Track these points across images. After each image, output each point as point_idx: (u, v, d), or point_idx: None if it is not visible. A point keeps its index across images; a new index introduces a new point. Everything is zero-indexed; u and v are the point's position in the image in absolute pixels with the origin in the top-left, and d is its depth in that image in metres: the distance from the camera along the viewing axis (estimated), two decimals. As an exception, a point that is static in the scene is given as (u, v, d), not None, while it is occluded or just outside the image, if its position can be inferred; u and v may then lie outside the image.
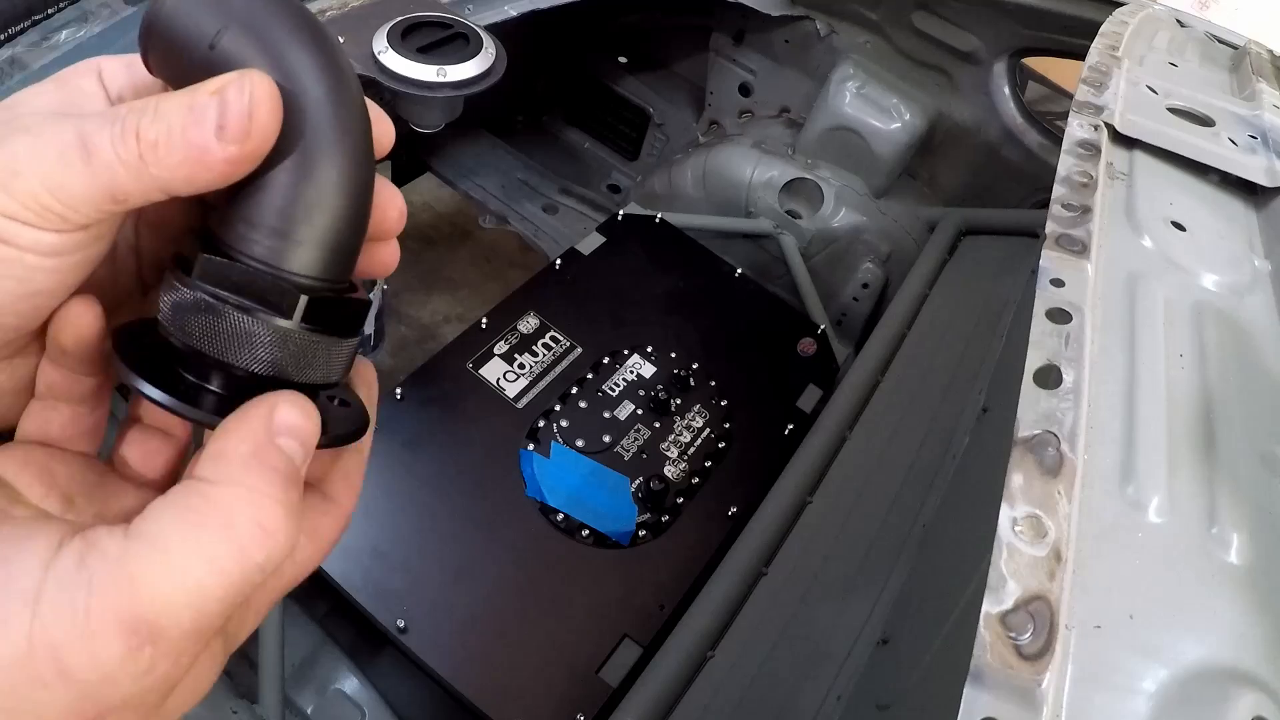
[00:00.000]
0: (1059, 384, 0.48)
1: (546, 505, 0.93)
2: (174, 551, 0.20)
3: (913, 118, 1.37)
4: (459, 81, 0.86)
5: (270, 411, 0.23)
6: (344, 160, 0.24)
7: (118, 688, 0.20)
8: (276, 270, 0.24)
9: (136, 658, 0.20)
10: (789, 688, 0.78)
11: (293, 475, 0.22)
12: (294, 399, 0.24)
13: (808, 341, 1.20)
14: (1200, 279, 0.61)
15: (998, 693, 0.35)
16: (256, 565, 0.21)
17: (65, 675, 0.19)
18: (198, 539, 0.20)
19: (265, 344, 0.24)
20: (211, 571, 0.20)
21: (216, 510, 0.21)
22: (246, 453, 0.22)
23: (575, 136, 1.90)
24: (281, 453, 0.22)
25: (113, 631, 0.19)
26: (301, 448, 0.23)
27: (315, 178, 0.24)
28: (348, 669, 0.87)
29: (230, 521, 0.21)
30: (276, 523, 0.21)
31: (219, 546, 0.21)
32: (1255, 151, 0.74)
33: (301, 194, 0.24)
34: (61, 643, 0.19)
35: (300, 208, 0.24)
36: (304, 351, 0.24)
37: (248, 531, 0.21)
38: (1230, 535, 0.43)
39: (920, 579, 0.81)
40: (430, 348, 1.73)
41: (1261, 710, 0.36)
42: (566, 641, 0.84)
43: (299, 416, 0.23)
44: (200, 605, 0.20)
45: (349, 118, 0.25)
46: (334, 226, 0.24)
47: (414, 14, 0.89)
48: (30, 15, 0.78)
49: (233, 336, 0.24)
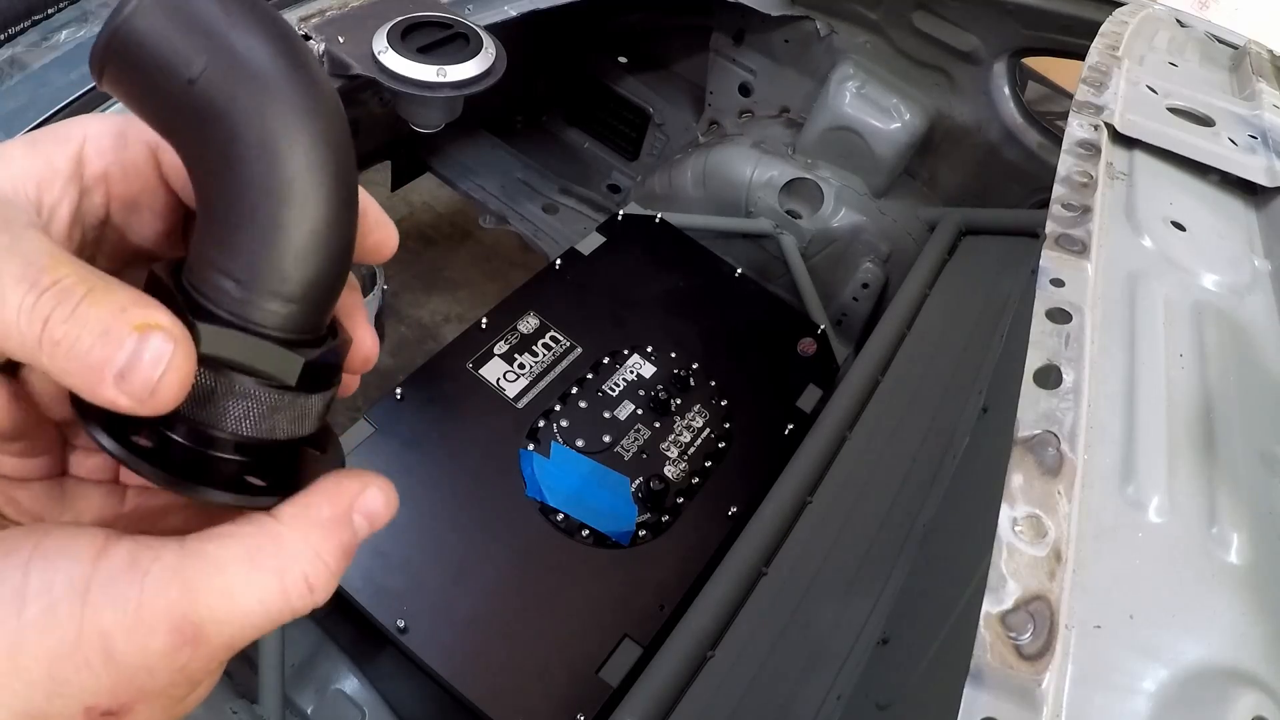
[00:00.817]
0: (1059, 384, 0.48)
1: (546, 505, 0.93)
2: (231, 577, 0.22)
3: (913, 118, 1.37)
4: (459, 81, 0.86)
5: (362, 489, 0.25)
6: (330, 219, 0.23)
7: (155, 678, 0.21)
8: (265, 331, 0.23)
9: (177, 655, 0.21)
10: (789, 688, 0.78)
11: (351, 549, 0.24)
12: (384, 486, 0.25)
13: (808, 341, 1.20)
14: (1200, 279, 0.61)
15: (998, 692, 0.35)
16: (291, 610, 0.23)
17: (111, 660, 0.21)
18: (256, 575, 0.22)
19: (266, 413, 0.24)
20: (258, 603, 0.22)
21: (279, 556, 0.23)
22: (326, 518, 0.24)
23: (575, 136, 1.90)
24: (352, 529, 0.24)
25: (162, 627, 0.21)
26: (369, 528, 0.25)
27: (303, 241, 0.23)
28: (348, 669, 0.87)
29: (288, 570, 0.23)
30: (320, 584, 0.23)
31: (271, 588, 0.22)
32: (1255, 151, 0.74)
33: (290, 255, 0.23)
34: (111, 630, 0.21)
35: (291, 268, 0.23)
36: (299, 414, 0.24)
37: (295, 583, 0.23)
38: (1230, 535, 0.43)
39: (920, 579, 0.81)
40: (430, 348, 1.73)
41: (1261, 710, 0.36)
42: (566, 641, 0.84)
43: (382, 505, 0.25)
44: (241, 626, 0.22)
45: (338, 170, 0.23)
46: (320, 284, 0.24)
47: (414, 14, 0.89)
48: (30, 15, 0.78)
49: (232, 406, 0.23)
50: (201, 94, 0.22)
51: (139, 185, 0.26)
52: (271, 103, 0.22)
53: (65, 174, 0.24)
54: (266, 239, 0.23)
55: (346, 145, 0.24)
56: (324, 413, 0.26)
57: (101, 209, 0.25)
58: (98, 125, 0.25)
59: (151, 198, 0.26)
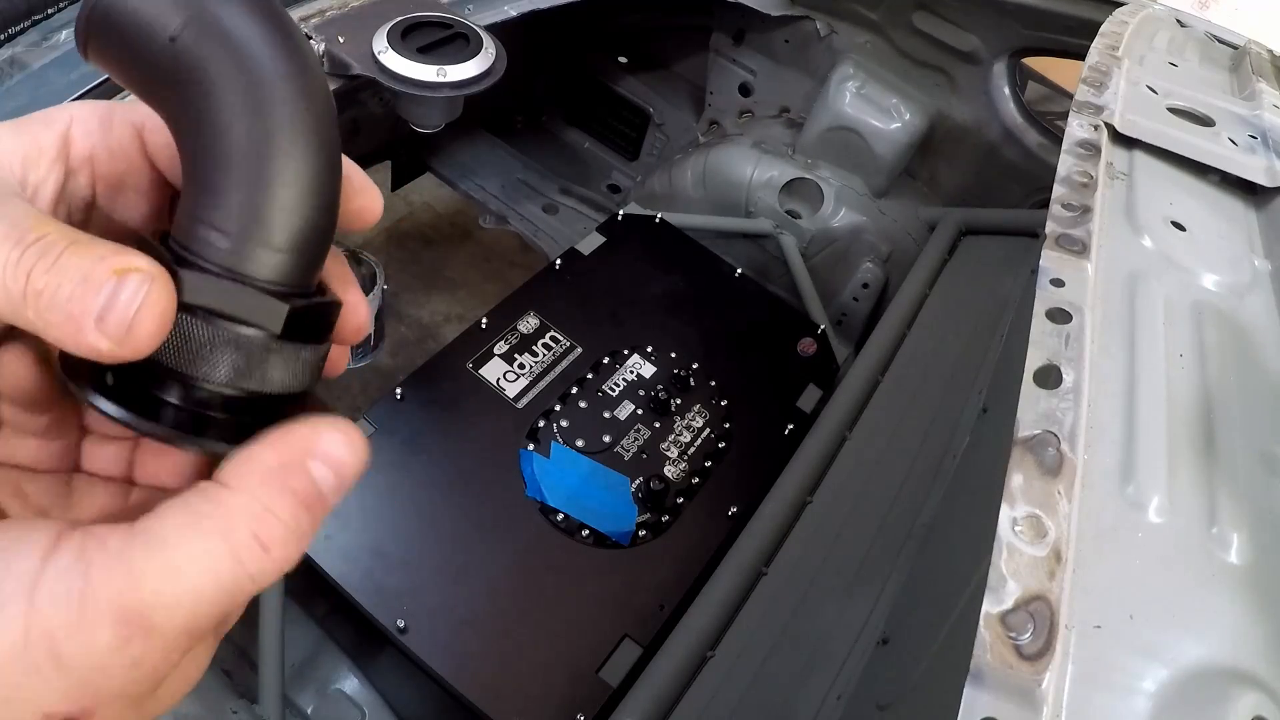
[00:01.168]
0: (1059, 384, 0.48)
1: (546, 505, 0.93)
2: (173, 550, 0.20)
3: (913, 118, 1.37)
4: (459, 81, 0.86)
5: (314, 434, 0.23)
6: (313, 168, 0.23)
7: (110, 678, 0.20)
8: (251, 280, 0.23)
9: (127, 649, 0.20)
10: (789, 688, 0.78)
11: (311, 501, 0.22)
12: (344, 428, 0.23)
13: (808, 341, 1.20)
14: (1200, 279, 0.61)
15: (998, 692, 0.35)
16: (249, 576, 0.21)
17: (59, 662, 0.19)
18: (198, 541, 0.21)
19: (252, 361, 0.23)
20: (207, 574, 0.20)
21: (221, 516, 0.21)
22: (271, 466, 0.22)
23: (575, 136, 1.90)
24: (308, 476, 0.22)
25: (105, 620, 0.20)
26: (336, 478, 0.23)
27: (287, 189, 0.23)
28: (348, 669, 0.87)
29: (231, 529, 0.21)
30: (274, 541, 0.21)
31: (219, 554, 0.21)
32: (1255, 151, 0.74)
33: (274, 203, 0.23)
34: (56, 629, 0.19)
35: (275, 217, 0.23)
36: (287, 365, 0.24)
37: (244, 542, 0.21)
38: (1230, 535, 0.43)
39: (920, 579, 0.81)
40: (430, 348, 1.73)
41: (1261, 710, 0.36)
42: (566, 641, 0.84)
43: (343, 448, 0.23)
44: (193, 605, 0.20)
45: (319, 123, 0.23)
46: (306, 233, 0.23)
47: (414, 14, 0.89)
48: (30, 15, 0.78)
49: (218, 355, 0.23)
50: (183, 50, 0.22)
51: (125, 166, 0.26)
52: (251, 54, 0.22)
53: (51, 154, 0.24)
54: (251, 188, 0.23)
55: (326, 95, 0.24)
56: (314, 370, 0.25)
57: (88, 190, 0.25)
58: (84, 109, 0.25)
59: (137, 178, 0.26)
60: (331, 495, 0.23)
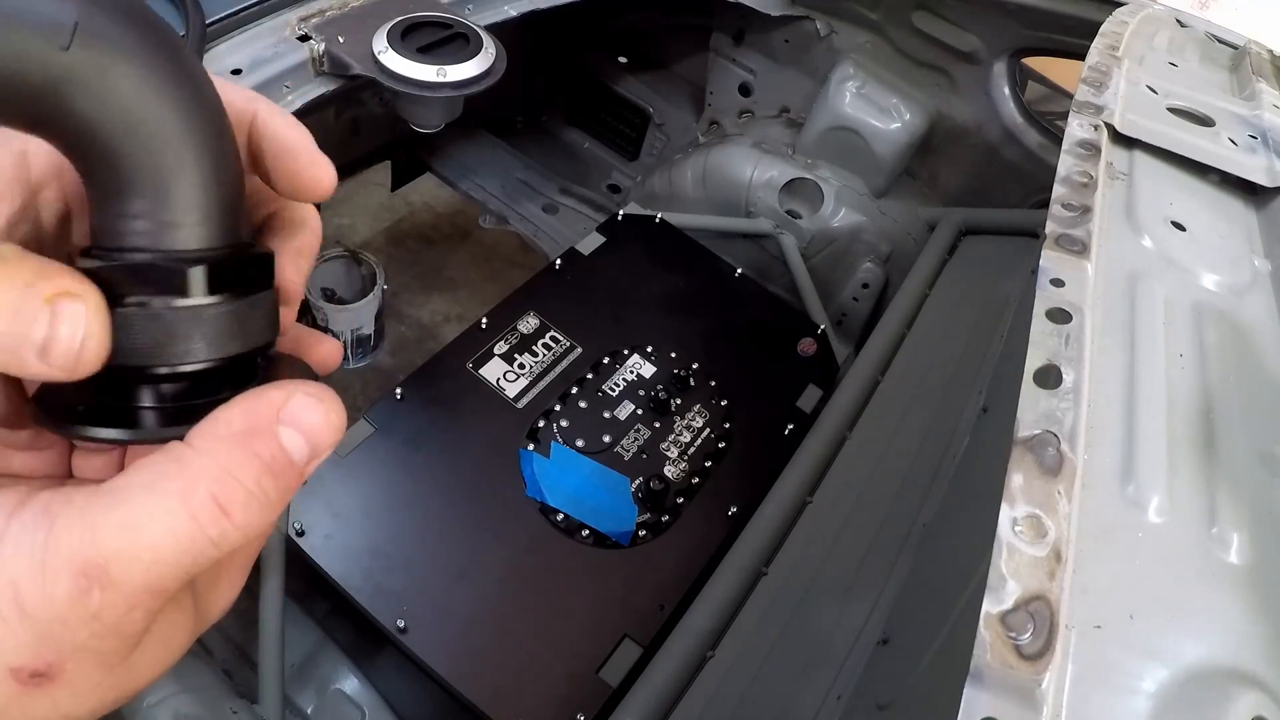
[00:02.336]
0: (1059, 384, 0.48)
1: (546, 505, 0.93)
2: (132, 507, 0.20)
3: (913, 118, 1.37)
4: (459, 81, 0.86)
5: (285, 398, 0.23)
6: (194, 131, 0.23)
7: (70, 630, 0.20)
8: (163, 252, 0.23)
9: (85, 600, 0.20)
10: (789, 688, 0.78)
11: (279, 468, 0.22)
12: (317, 392, 0.23)
13: (808, 341, 1.20)
14: (1200, 279, 0.61)
15: (998, 692, 0.35)
16: (209, 539, 0.21)
17: (22, 610, 0.20)
18: (158, 500, 0.21)
19: (185, 331, 0.23)
20: (165, 533, 0.20)
21: (182, 476, 0.21)
22: (236, 431, 0.22)
23: (575, 136, 1.91)
24: (276, 442, 0.22)
25: (64, 570, 0.20)
26: (308, 445, 0.23)
27: (181, 156, 0.23)
28: (348, 669, 0.87)
29: (191, 490, 0.21)
30: (234, 506, 0.21)
31: (176, 513, 0.21)
32: (1255, 151, 0.74)
33: (153, 172, 0.23)
34: (19, 578, 0.20)
35: (160, 184, 0.23)
36: (236, 320, 0.23)
37: (203, 505, 0.21)
38: (1230, 535, 0.43)
39: (920, 579, 0.81)
40: (430, 348, 1.73)
41: (1261, 710, 0.36)
42: (566, 641, 0.84)
43: (315, 413, 0.23)
44: (151, 562, 0.20)
45: (185, 84, 0.23)
46: (209, 192, 0.23)
47: (414, 14, 0.89)
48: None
49: (167, 337, 0.23)
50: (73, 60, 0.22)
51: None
52: (110, 49, 0.22)
53: (9, 173, 0.24)
54: (142, 167, 0.22)
55: (179, 50, 0.24)
56: (269, 318, 0.25)
57: (59, 203, 0.25)
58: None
59: None
60: (303, 462, 0.23)
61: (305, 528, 0.85)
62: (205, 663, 0.76)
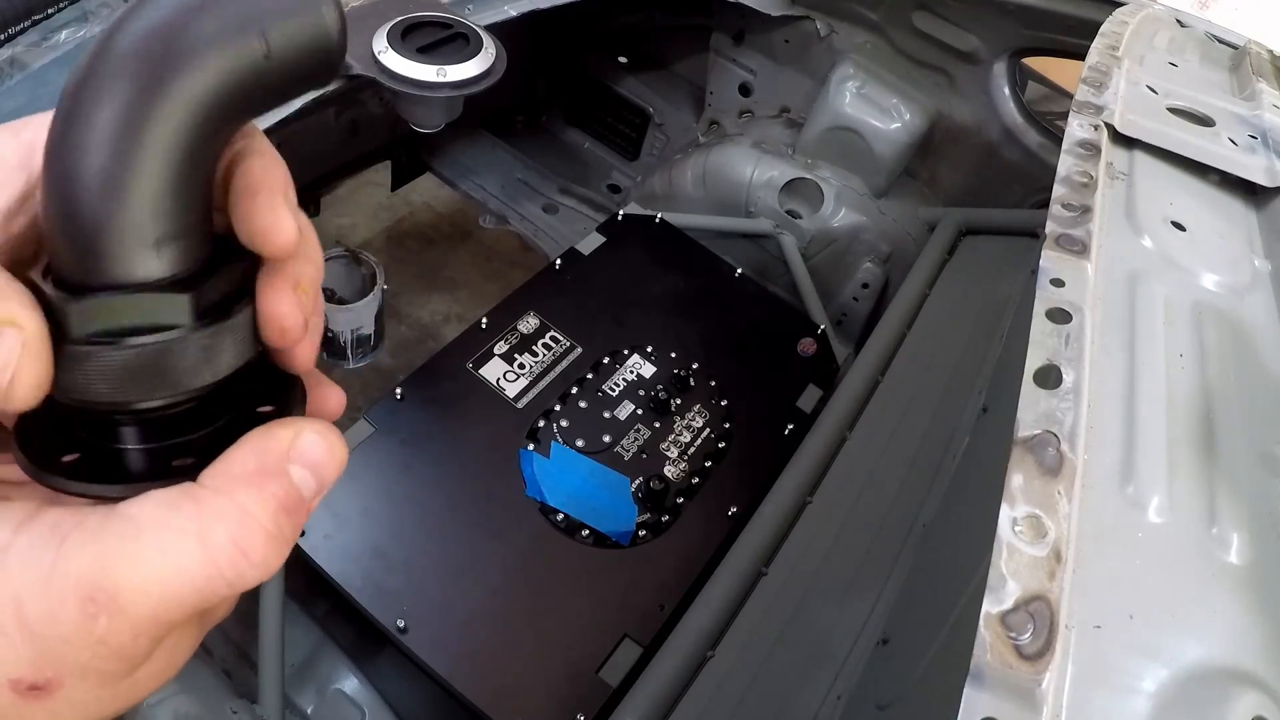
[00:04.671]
0: (1059, 384, 0.48)
1: (546, 505, 0.93)
2: (146, 543, 0.20)
3: (913, 118, 1.37)
4: (459, 81, 0.86)
5: (294, 437, 0.23)
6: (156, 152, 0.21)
7: (74, 650, 0.20)
8: (144, 283, 0.21)
9: (92, 625, 0.20)
10: (789, 688, 0.78)
11: (292, 506, 0.22)
12: (322, 430, 0.23)
13: (808, 341, 1.20)
14: (1200, 279, 0.61)
15: (998, 692, 0.35)
16: (225, 581, 0.21)
17: (24, 626, 0.20)
18: (172, 539, 0.21)
19: (188, 365, 0.22)
20: (177, 572, 0.20)
21: (200, 517, 0.21)
22: (251, 470, 0.22)
23: (575, 136, 1.90)
24: (288, 481, 0.22)
25: (72, 592, 0.20)
26: (315, 481, 0.23)
27: (137, 179, 0.21)
28: (348, 669, 0.87)
29: (209, 532, 0.21)
30: (254, 547, 0.21)
31: (191, 553, 0.20)
32: (1255, 151, 0.74)
33: (107, 205, 0.21)
34: (23, 594, 0.19)
35: (138, 210, 0.21)
36: (216, 346, 0.22)
37: (222, 547, 0.21)
38: (1230, 535, 0.43)
39: (920, 579, 0.81)
40: (430, 348, 1.72)
41: (1261, 710, 0.36)
42: (566, 641, 0.84)
43: (324, 452, 0.23)
44: (161, 597, 0.20)
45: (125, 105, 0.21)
46: (176, 216, 0.22)
47: (414, 14, 0.89)
48: (30, 15, 0.78)
49: (146, 374, 0.21)
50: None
51: None
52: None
53: (12, 162, 0.24)
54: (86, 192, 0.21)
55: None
56: (246, 338, 0.24)
57: None
58: (49, 118, 0.25)
59: None
60: (311, 498, 0.23)
61: (305, 528, 0.84)
62: (205, 663, 0.76)
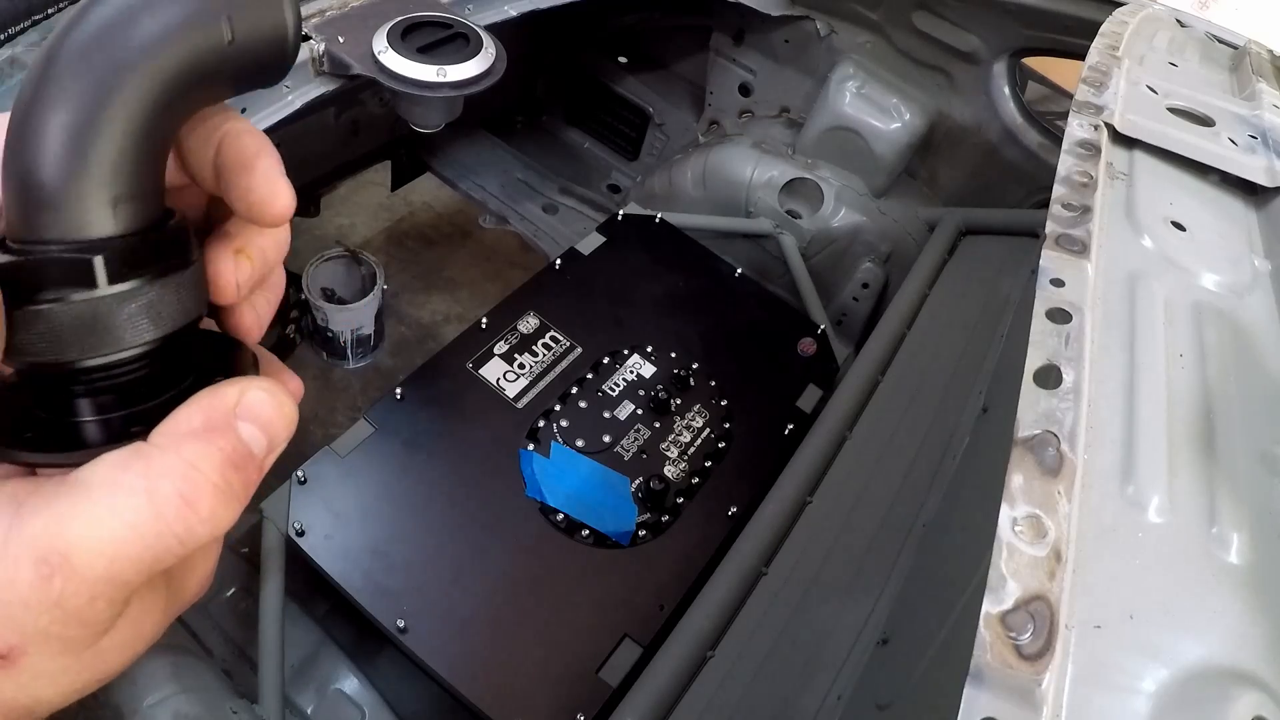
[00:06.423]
0: (1059, 384, 0.48)
1: (546, 505, 0.93)
2: (96, 502, 0.21)
3: (913, 118, 1.37)
4: (459, 81, 0.86)
5: (240, 393, 0.23)
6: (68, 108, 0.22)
7: (33, 615, 0.20)
8: (72, 243, 0.22)
9: (47, 587, 0.20)
10: (789, 688, 0.78)
11: (240, 461, 0.23)
12: (268, 387, 0.23)
13: (808, 341, 1.20)
14: (1200, 279, 0.61)
15: (997, 692, 0.35)
16: (175, 535, 0.21)
17: None
18: (122, 498, 0.21)
19: (126, 319, 0.22)
20: (127, 529, 0.21)
21: (147, 473, 0.21)
22: (197, 426, 0.22)
23: (575, 136, 1.91)
24: (235, 436, 0.23)
25: (26, 556, 0.20)
26: (265, 438, 0.23)
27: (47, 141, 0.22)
28: (348, 669, 0.87)
29: (155, 487, 0.21)
30: (201, 501, 0.22)
31: (140, 509, 0.21)
32: (1255, 151, 0.74)
33: (40, 157, 0.22)
34: None
35: (51, 171, 0.22)
36: (158, 304, 0.23)
37: (169, 501, 0.21)
38: (1230, 535, 0.43)
39: (920, 579, 0.81)
40: (430, 348, 1.73)
41: (1261, 710, 0.36)
42: (566, 641, 0.84)
43: (269, 408, 0.23)
44: (113, 556, 0.21)
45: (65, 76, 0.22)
46: (124, 174, 0.22)
47: (414, 14, 0.89)
48: (30, 15, 0.78)
49: (85, 330, 0.22)
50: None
51: None
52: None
53: None
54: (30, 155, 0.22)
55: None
56: (194, 292, 0.24)
57: None
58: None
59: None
60: (263, 455, 0.23)
61: (305, 528, 0.85)
62: (205, 663, 0.76)
